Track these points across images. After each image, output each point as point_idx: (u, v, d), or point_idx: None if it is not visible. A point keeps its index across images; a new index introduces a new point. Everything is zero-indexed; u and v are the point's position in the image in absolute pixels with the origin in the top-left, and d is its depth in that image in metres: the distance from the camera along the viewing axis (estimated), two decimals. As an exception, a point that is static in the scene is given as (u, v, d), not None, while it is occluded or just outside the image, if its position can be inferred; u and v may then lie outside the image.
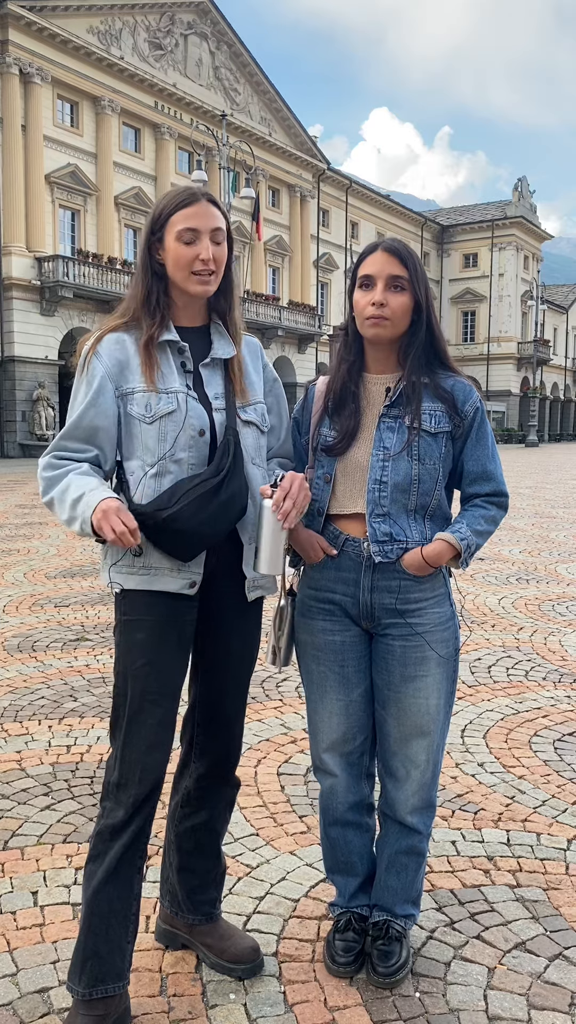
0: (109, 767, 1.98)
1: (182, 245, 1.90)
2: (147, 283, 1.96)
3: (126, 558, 1.93)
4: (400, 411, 2.06)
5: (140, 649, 1.94)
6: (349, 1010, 2.04)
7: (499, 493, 2.14)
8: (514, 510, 13.27)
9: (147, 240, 1.96)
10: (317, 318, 43.20)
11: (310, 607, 2.19)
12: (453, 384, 2.10)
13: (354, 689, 2.17)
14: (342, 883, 2.29)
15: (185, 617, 1.98)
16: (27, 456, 29.72)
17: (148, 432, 1.89)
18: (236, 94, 39.26)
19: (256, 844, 2.82)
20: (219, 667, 2.11)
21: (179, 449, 1.90)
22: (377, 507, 2.06)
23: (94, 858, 1.96)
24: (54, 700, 4.24)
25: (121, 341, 1.94)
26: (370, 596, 2.10)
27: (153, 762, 1.94)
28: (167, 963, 2.21)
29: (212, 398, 1.97)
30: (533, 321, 50.17)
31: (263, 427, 2.07)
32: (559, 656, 5.13)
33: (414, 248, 2.12)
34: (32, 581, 7.43)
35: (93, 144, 33.00)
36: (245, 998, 2.08)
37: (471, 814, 3.04)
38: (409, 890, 2.22)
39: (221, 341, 2.02)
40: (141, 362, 1.92)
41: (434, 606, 2.11)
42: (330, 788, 2.25)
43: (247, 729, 3.76)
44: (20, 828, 2.91)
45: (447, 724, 2.20)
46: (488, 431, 2.13)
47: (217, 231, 1.93)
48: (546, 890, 2.56)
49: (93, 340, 1.95)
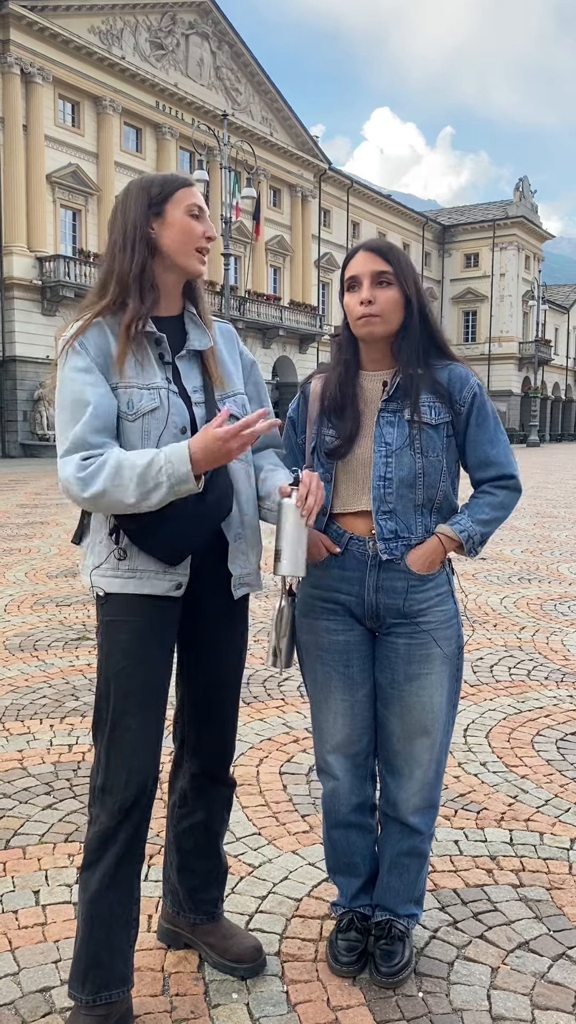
0: (93, 772, 1.93)
1: (192, 219, 1.88)
2: (142, 257, 1.84)
3: (109, 561, 1.88)
4: (399, 405, 2.05)
5: (123, 650, 1.88)
6: (352, 1010, 2.03)
7: (505, 476, 2.10)
8: (516, 509, 13.24)
9: (144, 214, 1.85)
10: (318, 318, 43.18)
11: (314, 607, 2.16)
12: (449, 373, 2.08)
13: (359, 689, 2.15)
14: (344, 883, 2.28)
15: (169, 617, 1.94)
16: (28, 456, 29.73)
17: (131, 429, 1.83)
18: (237, 94, 39.25)
19: (258, 843, 2.81)
20: (205, 665, 2.07)
21: (162, 447, 1.82)
22: (383, 504, 2.04)
23: (88, 866, 1.91)
24: (56, 699, 4.23)
25: (101, 329, 1.84)
26: (375, 596, 2.08)
27: (139, 765, 1.89)
28: (169, 962, 2.21)
29: (191, 391, 1.92)
30: (534, 321, 50.14)
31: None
32: (561, 656, 5.12)
33: (415, 248, 2.11)
34: (33, 580, 7.42)
35: (94, 144, 32.99)
36: (248, 998, 2.07)
37: (474, 814, 3.04)
38: (412, 890, 2.21)
39: (196, 331, 1.97)
40: (119, 349, 1.83)
41: (438, 604, 2.10)
42: (333, 790, 2.23)
43: (249, 729, 3.76)
44: (22, 827, 2.91)
45: (451, 723, 2.19)
46: (489, 413, 2.09)
47: (208, 214, 1.93)
48: (549, 890, 2.55)
49: (76, 330, 1.84)
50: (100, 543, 1.91)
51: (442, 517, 2.10)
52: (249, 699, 4.21)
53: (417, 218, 56.58)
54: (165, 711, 1.98)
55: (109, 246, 1.90)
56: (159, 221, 1.87)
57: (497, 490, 2.10)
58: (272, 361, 40.98)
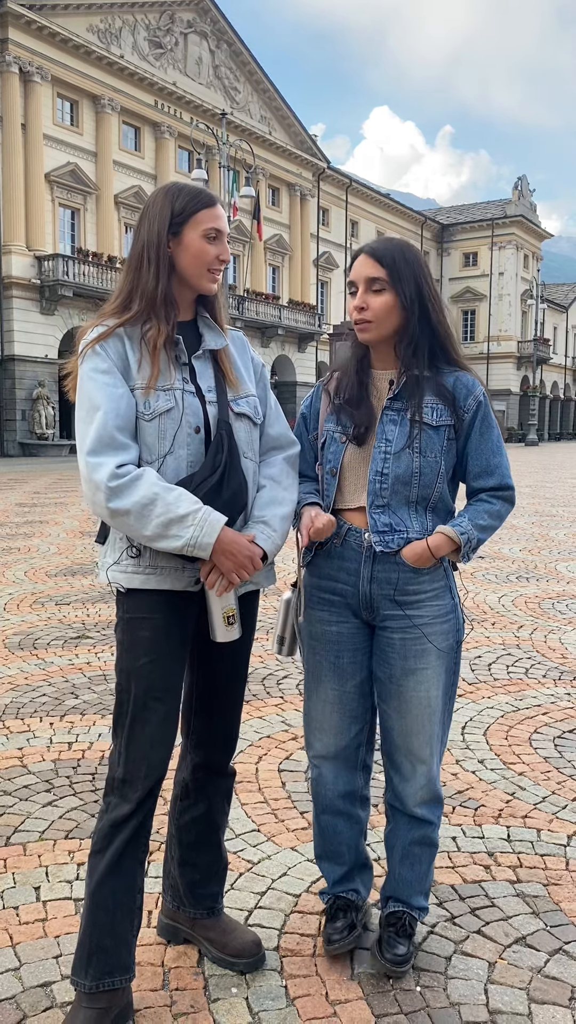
0: (112, 763, 1.98)
1: (207, 242, 1.92)
2: (165, 280, 1.91)
3: (126, 557, 1.93)
4: (403, 404, 2.08)
5: (144, 647, 1.94)
6: (350, 1004, 2.05)
7: (504, 487, 2.13)
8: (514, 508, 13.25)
9: (165, 232, 1.91)
10: (317, 317, 43.18)
11: (312, 596, 2.21)
12: (455, 380, 2.10)
13: (348, 680, 2.19)
14: (328, 869, 2.32)
15: (188, 613, 1.99)
16: (27, 455, 29.73)
17: (147, 429, 1.89)
18: (236, 93, 39.25)
19: (257, 840, 2.83)
20: (215, 658, 2.11)
21: (177, 446, 1.90)
22: (377, 498, 2.08)
23: (97, 852, 1.97)
24: (55, 697, 4.25)
25: (119, 338, 1.92)
26: (369, 587, 2.12)
27: (158, 758, 1.96)
28: (169, 957, 2.22)
29: (205, 391, 1.97)
30: (533, 320, 50.16)
31: (256, 419, 2.07)
32: (559, 654, 5.14)
33: (413, 247, 2.12)
34: (33, 579, 7.43)
35: (93, 143, 32.99)
36: (247, 992, 2.09)
37: (471, 810, 3.05)
38: (423, 881, 2.24)
39: (211, 333, 2.03)
40: (144, 361, 1.90)
41: (433, 599, 2.12)
42: (321, 775, 2.28)
43: (248, 726, 3.78)
44: (22, 824, 2.92)
45: (449, 717, 2.21)
46: (492, 424, 2.12)
47: (227, 234, 1.98)
48: (546, 885, 2.57)
49: (97, 335, 1.91)
50: (119, 539, 1.95)
51: (437, 516, 2.12)
52: (248, 697, 4.23)
53: (416, 217, 56.59)
54: (180, 704, 2.03)
55: (135, 252, 1.95)
56: (176, 241, 1.93)
57: (495, 500, 2.13)
58: (271, 360, 40.97)
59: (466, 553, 2.08)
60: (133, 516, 1.80)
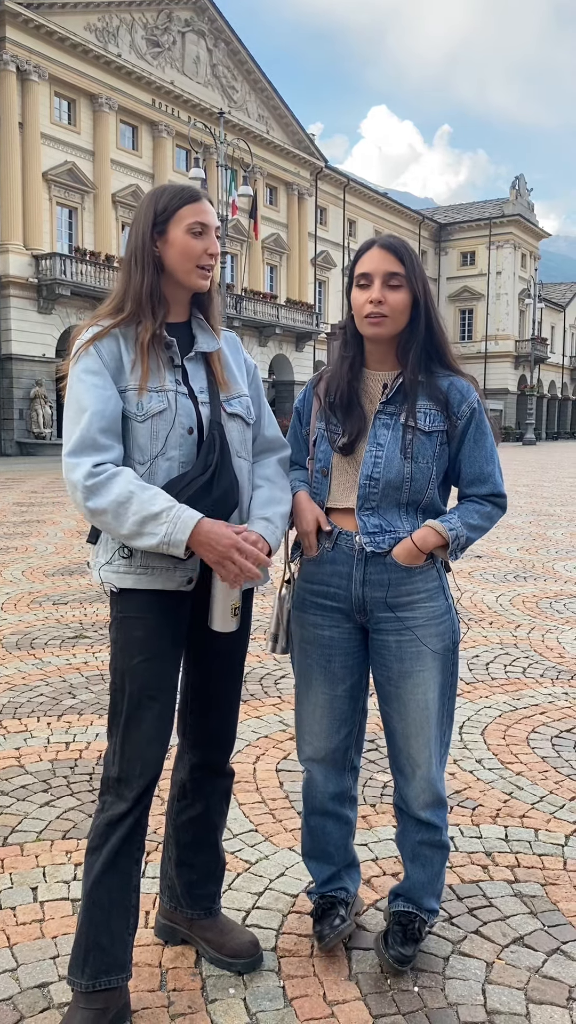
0: (108, 762, 1.99)
1: (192, 238, 1.92)
2: (151, 277, 1.93)
3: (118, 557, 1.94)
4: (396, 408, 2.07)
5: (138, 646, 1.94)
6: (348, 1004, 2.05)
7: (496, 495, 2.14)
8: (511, 508, 13.27)
9: (149, 232, 1.93)
10: (315, 316, 43.16)
11: (304, 600, 2.21)
12: (449, 384, 2.09)
13: (339, 684, 2.19)
14: (316, 869, 2.33)
15: (181, 612, 1.99)
16: (25, 454, 29.70)
17: (140, 430, 1.89)
18: (234, 92, 39.22)
19: (255, 840, 2.82)
20: (210, 657, 2.12)
21: (170, 447, 1.91)
22: (367, 502, 2.07)
23: (93, 850, 1.97)
24: (53, 697, 4.24)
25: (115, 338, 1.93)
26: (362, 589, 2.11)
27: (153, 756, 1.96)
28: (167, 958, 2.22)
29: (197, 392, 1.98)
30: (531, 319, 50.22)
31: (248, 419, 2.08)
32: (556, 653, 5.15)
33: (412, 246, 2.11)
34: (30, 579, 7.43)
35: (91, 142, 32.94)
36: (245, 992, 2.09)
37: (469, 810, 3.05)
38: (435, 883, 2.24)
39: (204, 335, 2.03)
40: (137, 361, 1.91)
41: (427, 600, 2.11)
42: (312, 778, 2.29)
43: (246, 726, 3.78)
44: (19, 824, 2.92)
45: (450, 718, 2.21)
46: (486, 431, 2.12)
47: (216, 229, 1.97)
48: (544, 885, 2.57)
49: (92, 336, 1.92)
50: (111, 540, 1.95)
51: (428, 517, 2.12)
52: (246, 696, 4.23)
53: (413, 216, 56.59)
54: (175, 703, 2.03)
55: (127, 256, 1.97)
56: (162, 239, 1.93)
57: (486, 503, 2.13)
58: (269, 359, 40.96)
59: (454, 550, 2.08)
60: (110, 515, 1.81)
